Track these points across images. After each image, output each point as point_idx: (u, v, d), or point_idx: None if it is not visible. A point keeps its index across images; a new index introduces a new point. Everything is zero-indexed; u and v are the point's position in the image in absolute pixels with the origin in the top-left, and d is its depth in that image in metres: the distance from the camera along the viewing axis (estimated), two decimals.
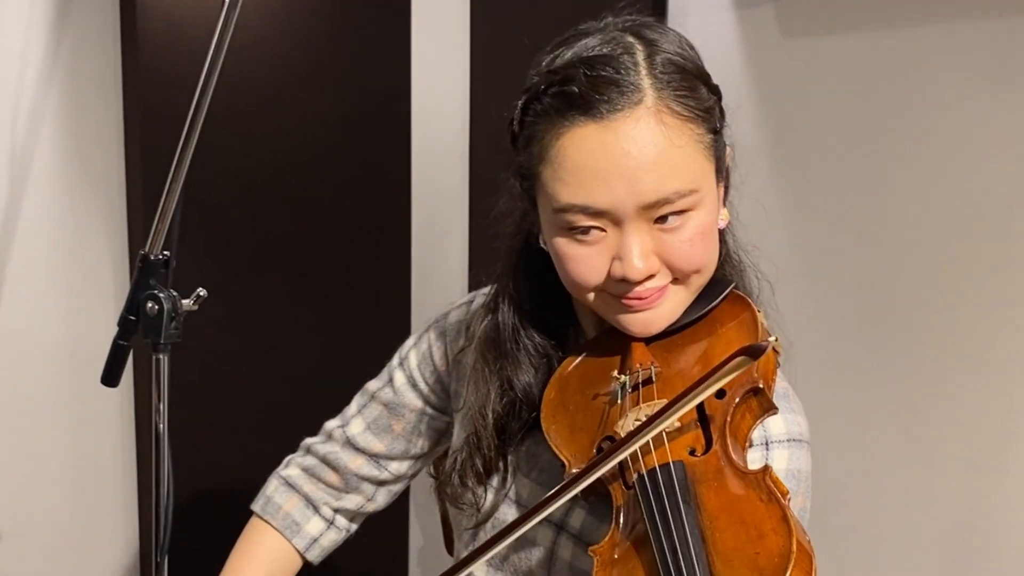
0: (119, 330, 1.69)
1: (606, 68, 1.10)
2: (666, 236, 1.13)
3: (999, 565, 1.81)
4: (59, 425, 2.83)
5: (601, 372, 1.21)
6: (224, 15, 1.52)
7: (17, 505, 2.81)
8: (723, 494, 1.03)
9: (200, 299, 1.67)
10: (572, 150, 1.12)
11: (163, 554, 1.72)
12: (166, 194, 1.59)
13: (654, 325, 1.19)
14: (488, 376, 1.30)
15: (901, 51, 1.91)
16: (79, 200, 2.79)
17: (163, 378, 1.67)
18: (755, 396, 1.13)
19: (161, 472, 1.68)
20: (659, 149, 1.10)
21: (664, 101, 1.11)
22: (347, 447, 1.49)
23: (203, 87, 1.52)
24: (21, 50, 2.68)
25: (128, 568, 2.99)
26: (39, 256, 2.76)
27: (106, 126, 2.80)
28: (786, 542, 0.96)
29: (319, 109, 2.94)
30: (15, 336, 2.75)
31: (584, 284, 1.17)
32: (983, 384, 1.83)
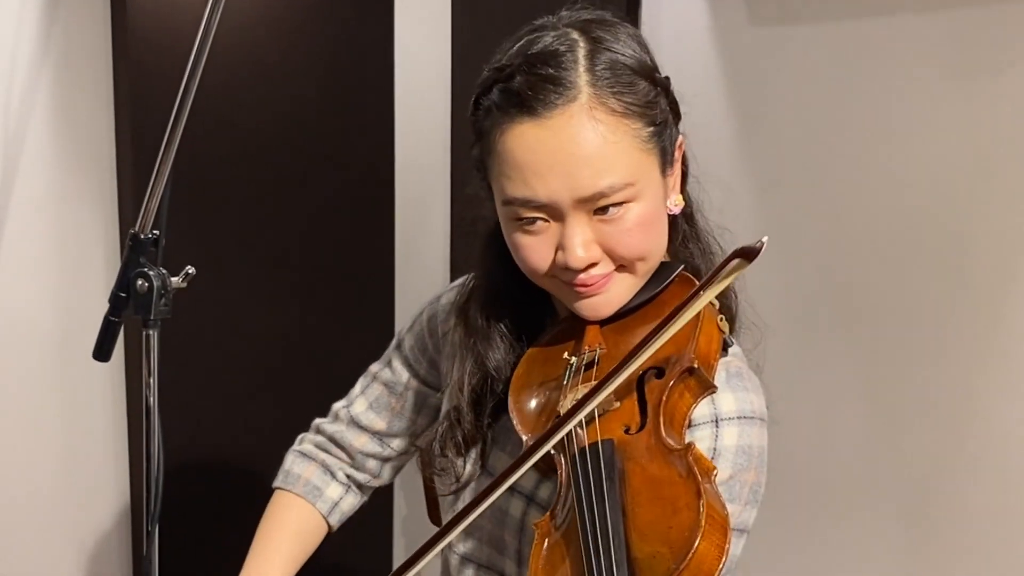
0: (110, 307, 1.69)
1: (546, 67, 1.12)
2: (606, 227, 1.15)
3: (953, 531, 1.84)
4: (52, 399, 2.83)
5: (558, 354, 1.23)
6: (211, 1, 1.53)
7: (11, 477, 2.81)
8: (647, 471, 1.06)
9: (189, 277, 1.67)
10: (513, 146, 1.14)
11: (154, 523, 1.72)
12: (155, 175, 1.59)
13: (604, 309, 1.21)
14: (465, 353, 1.33)
15: (867, 40, 1.92)
16: (70, 179, 2.78)
17: (153, 353, 1.67)
18: (691, 376, 1.15)
19: (152, 444, 1.69)
20: (593, 145, 1.11)
21: (599, 98, 1.12)
22: (352, 426, 1.52)
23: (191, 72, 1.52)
24: (13, 33, 2.67)
25: (120, 537, 2.99)
26: (32, 235, 2.75)
27: (96, 108, 2.79)
28: (696, 517, 0.99)
29: (304, 95, 2.94)
30: (8, 313, 2.75)
31: (535, 270, 1.20)
32: (941, 361, 1.85)
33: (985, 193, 1.76)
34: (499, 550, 1.31)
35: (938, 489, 1.87)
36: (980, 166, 1.76)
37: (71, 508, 2.91)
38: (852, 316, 1.99)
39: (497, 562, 1.31)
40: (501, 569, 1.30)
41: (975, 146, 1.77)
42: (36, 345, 2.80)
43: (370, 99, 3.05)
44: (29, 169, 2.73)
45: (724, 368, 1.22)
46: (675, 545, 0.98)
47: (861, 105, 1.95)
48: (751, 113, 1.90)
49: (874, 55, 1.91)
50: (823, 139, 2.00)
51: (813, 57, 2.01)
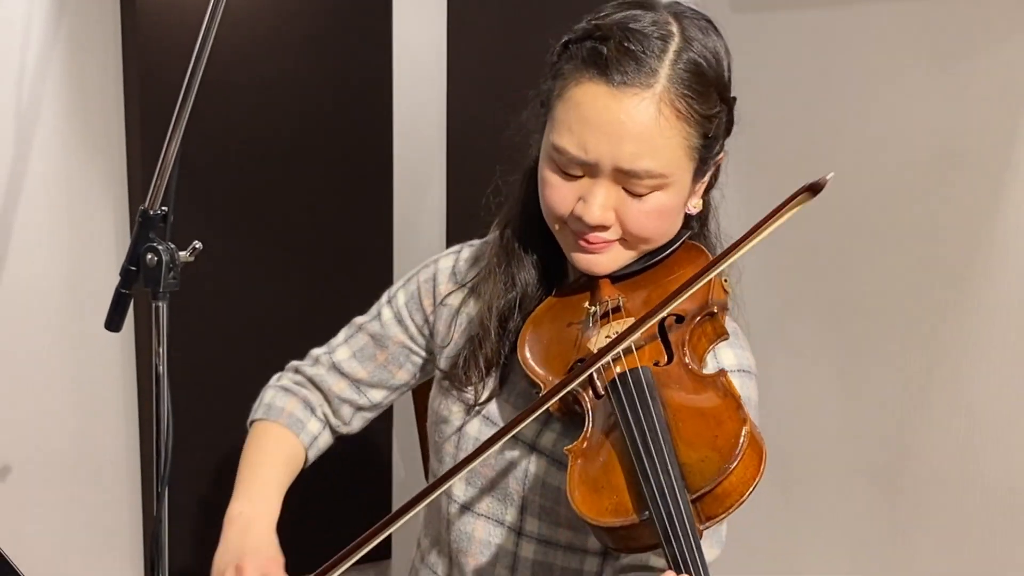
0: (121, 280, 1.70)
1: (638, 44, 1.16)
2: (630, 201, 1.20)
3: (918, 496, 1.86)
4: (65, 367, 2.85)
5: (573, 306, 1.28)
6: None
7: (27, 440, 2.83)
8: (684, 393, 1.09)
9: (196, 251, 1.68)
10: (581, 99, 1.18)
11: (164, 484, 1.73)
12: (164, 154, 1.60)
13: (597, 268, 1.26)
14: (497, 276, 1.36)
15: (844, 26, 1.92)
16: (81, 157, 2.79)
17: (162, 323, 1.68)
18: (710, 320, 1.20)
19: (161, 409, 1.70)
20: (648, 130, 1.16)
21: (670, 94, 1.16)
22: (332, 371, 1.51)
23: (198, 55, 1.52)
24: (26, 14, 2.68)
25: (131, 497, 3.01)
26: (45, 209, 2.77)
27: (106, 88, 2.80)
28: (741, 426, 1.02)
29: (306, 80, 2.94)
30: (24, 284, 2.77)
31: (553, 210, 1.24)
32: (911, 340, 1.86)
33: (955, 179, 1.77)
34: (501, 498, 1.33)
35: (907, 457, 1.88)
36: (952, 152, 1.77)
37: (84, 469, 2.93)
38: (828, 297, 2.00)
39: (498, 510, 1.33)
40: (501, 518, 1.32)
41: (948, 132, 1.78)
42: (49, 315, 2.81)
43: (369, 84, 3.05)
44: (42, 148, 2.73)
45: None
46: (723, 450, 1.00)
47: (839, 90, 1.95)
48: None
49: (852, 41, 1.91)
50: (802, 123, 2.00)
51: (793, 43, 2.00)
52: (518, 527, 1.30)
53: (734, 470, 0.99)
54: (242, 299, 2.95)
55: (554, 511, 1.27)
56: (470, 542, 1.34)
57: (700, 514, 1.00)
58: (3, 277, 2.73)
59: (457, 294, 1.43)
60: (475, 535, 1.34)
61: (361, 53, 3.02)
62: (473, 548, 1.34)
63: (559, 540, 1.28)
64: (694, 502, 0.99)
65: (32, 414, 2.83)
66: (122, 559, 3.03)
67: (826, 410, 2.02)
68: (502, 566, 1.32)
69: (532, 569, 1.30)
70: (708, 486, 0.99)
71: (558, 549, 1.28)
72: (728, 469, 0.99)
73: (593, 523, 1.03)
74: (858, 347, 1.96)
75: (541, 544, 1.29)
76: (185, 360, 2.71)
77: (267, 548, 1.30)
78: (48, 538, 2.87)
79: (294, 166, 2.97)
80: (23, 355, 2.79)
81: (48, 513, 2.88)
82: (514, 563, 1.31)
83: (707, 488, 0.99)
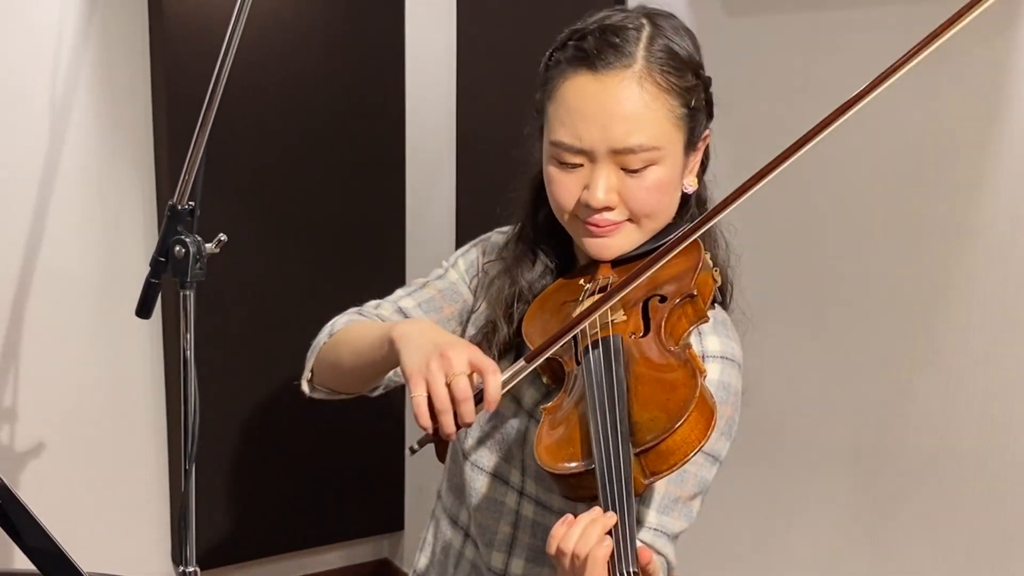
0: (151, 270, 1.72)
1: (614, 36, 1.23)
2: (630, 180, 1.24)
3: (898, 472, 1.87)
4: (97, 351, 2.87)
5: (572, 287, 1.32)
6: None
7: (61, 421, 2.85)
8: (649, 361, 1.14)
9: (221, 243, 1.70)
10: (570, 93, 1.24)
11: (191, 462, 1.75)
12: (191, 153, 1.61)
13: (608, 251, 1.29)
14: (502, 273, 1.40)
15: (833, 30, 1.92)
16: (112, 152, 2.81)
17: (190, 311, 1.70)
18: (690, 302, 1.23)
19: (189, 391, 1.72)
20: (634, 107, 1.21)
21: (650, 71, 1.22)
22: (397, 312, 1.47)
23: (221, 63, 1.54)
24: (59, 19, 2.69)
25: (158, 475, 3.03)
26: (78, 202, 2.78)
27: (135, 90, 2.81)
28: (692, 393, 1.06)
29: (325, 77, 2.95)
30: (59, 274, 2.79)
31: (562, 204, 1.28)
32: (892, 325, 1.87)
33: (931, 170, 1.78)
34: (507, 460, 1.36)
35: (885, 426, 1.89)
36: (928, 146, 1.78)
37: (114, 447, 2.95)
38: (813, 287, 2.01)
39: (504, 470, 1.36)
40: (507, 478, 1.36)
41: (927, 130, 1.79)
42: (81, 301, 2.83)
43: (383, 84, 3.06)
44: (74, 146, 2.75)
45: (714, 316, 1.30)
46: (672, 412, 1.05)
47: (828, 91, 1.95)
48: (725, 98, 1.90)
49: (838, 44, 1.92)
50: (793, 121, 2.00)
51: (783, 45, 2.01)
52: (520, 488, 1.34)
53: (678, 430, 1.03)
54: (263, 288, 2.96)
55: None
56: (481, 497, 1.38)
57: (645, 468, 1.04)
58: (39, 267, 2.76)
59: (496, 264, 1.45)
60: (484, 491, 1.38)
61: (375, 56, 3.03)
62: (483, 503, 1.38)
63: (552, 505, 1.31)
64: (638, 455, 1.03)
65: (65, 395, 2.85)
66: (149, 533, 3.05)
67: (810, 396, 2.04)
68: (506, 523, 1.35)
69: (532, 529, 1.33)
70: (652, 442, 1.03)
71: (552, 513, 1.31)
72: (672, 428, 1.03)
73: (548, 470, 1.08)
74: (842, 336, 1.97)
75: (539, 506, 1.32)
76: (210, 345, 2.73)
77: (462, 340, 1.19)
78: (79, 512, 2.89)
79: (312, 163, 2.98)
80: (57, 340, 2.81)
81: (79, 488, 2.90)
82: (516, 520, 1.34)
83: (651, 443, 1.03)
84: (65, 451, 2.87)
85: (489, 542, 1.37)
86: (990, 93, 1.70)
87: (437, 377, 1.11)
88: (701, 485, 1.24)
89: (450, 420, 1.11)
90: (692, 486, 1.23)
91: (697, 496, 1.24)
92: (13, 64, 2.64)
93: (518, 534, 1.34)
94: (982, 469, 1.75)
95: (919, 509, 1.87)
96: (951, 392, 1.79)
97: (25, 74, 2.67)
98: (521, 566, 1.34)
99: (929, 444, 1.83)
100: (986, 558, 1.76)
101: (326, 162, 3.00)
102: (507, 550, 1.35)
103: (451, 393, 1.10)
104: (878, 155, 1.87)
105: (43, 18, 2.66)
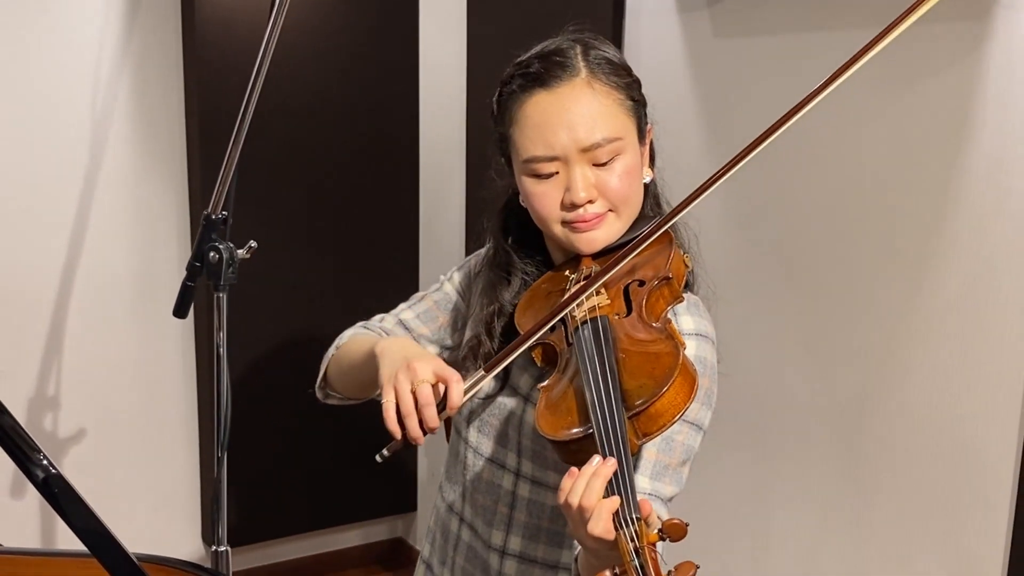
0: (187, 274, 1.75)
1: (554, 56, 1.29)
2: (602, 173, 1.29)
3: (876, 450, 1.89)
4: (134, 347, 2.89)
5: (559, 278, 1.36)
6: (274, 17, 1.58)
7: (101, 411, 2.88)
8: (634, 337, 1.18)
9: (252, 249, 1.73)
10: (531, 111, 1.29)
11: (223, 450, 1.78)
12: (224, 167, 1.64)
13: (596, 243, 1.33)
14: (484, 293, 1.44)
15: (814, 51, 1.93)
16: (148, 164, 2.83)
17: (223, 311, 1.72)
18: (666, 284, 1.28)
19: (222, 385, 1.74)
20: (590, 106, 1.27)
21: (594, 75, 1.28)
22: (398, 325, 1.53)
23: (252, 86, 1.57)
24: (99, 39, 2.72)
25: (189, 462, 3.06)
26: (116, 207, 2.81)
27: (170, 105, 2.83)
28: (675, 361, 1.10)
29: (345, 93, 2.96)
30: (98, 275, 2.81)
31: (546, 215, 1.32)
32: (870, 311, 1.88)
33: (907, 176, 1.80)
34: (503, 444, 1.39)
35: (865, 416, 1.90)
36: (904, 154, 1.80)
37: (149, 436, 2.97)
38: (798, 277, 2.01)
39: (500, 454, 1.39)
40: (503, 461, 1.38)
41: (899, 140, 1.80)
42: (120, 301, 2.85)
43: (398, 98, 3.08)
44: (115, 152, 2.77)
45: (687, 298, 1.35)
46: (658, 378, 1.09)
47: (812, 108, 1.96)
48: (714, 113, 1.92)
49: (819, 62, 1.92)
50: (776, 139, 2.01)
51: (768, 64, 2.03)
52: (516, 469, 1.36)
53: (664, 394, 1.07)
54: (290, 289, 2.99)
55: (543, 455, 1.33)
56: (479, 482, 1.41)
57: (637, 430, 1.08)
58: (81, 270, 2.78)
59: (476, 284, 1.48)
60: (483, 476, 1.40)
61: (391, 70, 3.05)
62: (482, 487, 1.40)
63: (548, 481, 1.33)
64: (631, 418, 1.07)
65: (105, 387, 2.87)
66: (181, 515, 3.07)
67: (794, 388, 2.05)
68: (503, 504, 1.38)
69: (528, 508, 1.36)
70: (643, 406, 1.07)
71: (548, 490, 1.34)
72: (659, 393, 1.07)
73: (549, 438, 1.11)
74: (823, 332, 1.98)
75: (535, 485, 1.35)
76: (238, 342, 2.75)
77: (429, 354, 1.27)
78: (116, 494, 2.92)
79: (335, 173, 3.00)
80: (98, 336, 2.84)
81: (116, 473, 2.93)
82: (513, 501, 1.37)
83: (641, 407, 1.07)
84: (104, 438, 2.90)
85: (488, 521, 1.39)
86: (960, 102, 1.72)
87: (404, 385, 1.17)
88: (688, 452, 1.27)
89: (415, 424, 1.16)
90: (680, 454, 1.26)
91: (685, 463, 1.27)
92: (57, 81, 2.67)
93: (515, 514, 1.37)
94: (955, 447, 1.77)
95: (892, 491, 1.88)
96: (923, 375, 1.80)
97: (68, 92, 2.70)
98: (518, 543, 1.37)
99: (904, 431, 1.85)
100: (953, 534, 1.78)
101: (347, 172, 3.02)
102: (505, 528, 1.38)
103: (416, 399, 1.16)
104: (858, 159, 1.89)
105: (84, 39, 2.69)
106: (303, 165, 2.94)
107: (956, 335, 1.75)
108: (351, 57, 2.97)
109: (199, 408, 3.02)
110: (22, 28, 2.62)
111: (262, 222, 2.84)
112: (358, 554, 3.37)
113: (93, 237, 2.79)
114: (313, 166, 2.96)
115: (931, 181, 1.77)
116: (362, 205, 3.07)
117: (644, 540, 0.96)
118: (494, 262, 1.44)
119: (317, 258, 3.02)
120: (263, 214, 2.86)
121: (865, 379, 1.91)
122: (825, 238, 1.96)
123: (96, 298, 2.81)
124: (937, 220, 1.77)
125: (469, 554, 1.43)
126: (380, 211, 3.11)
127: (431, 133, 3.12)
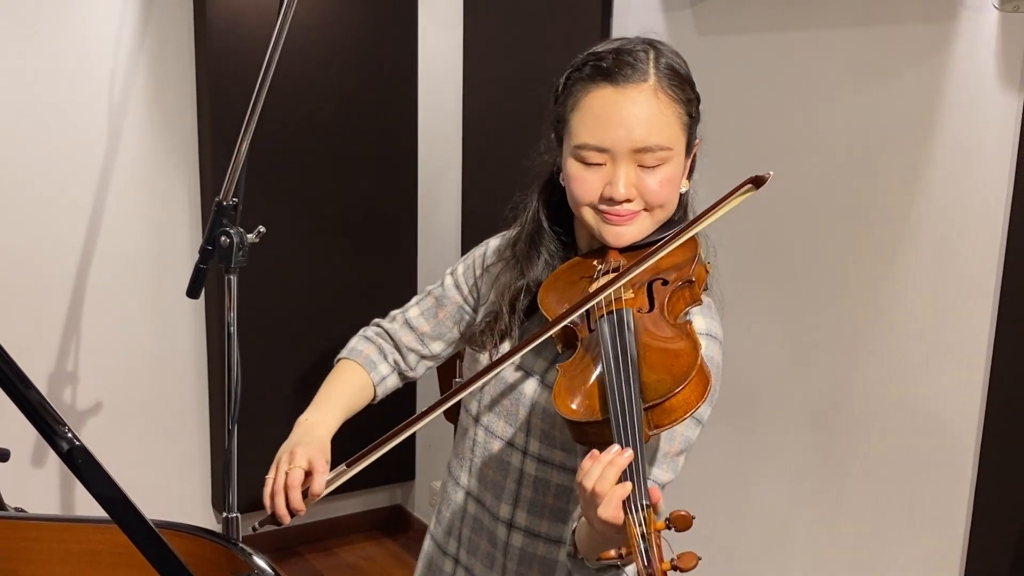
0: (199, 257, 1.75)
1: (628, 56, 1.28)
2: (646, 176, 1.28)
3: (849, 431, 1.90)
4: (148, 325, 2.89)
5: (586, 266, 1.35)
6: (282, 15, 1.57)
7: (117, 384, 2.88)
8: (655, 333, 1.17)
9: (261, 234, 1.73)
10: (594, 102, 1.27)
11: (234, 423, 1.79)
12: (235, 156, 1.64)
13: (624, 238, 1.32)
14: (511, 267, 1.42)
15: (794, 49, 1.93)
16: (163, 151, 2.83)
17: (233, 292, 1.73)
18: (688, 287, 1.27)
19: (232, 361, 1.75)
20: (651, 112, 1.26)
21: (661, 85, 1.27)
22: (404, 326, 1.56)
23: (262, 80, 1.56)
24: (116, 37, 2.71)
25: (200, 434, 3.08)
26: (132, 194, 2.81)
27: (182, 95, 2.83)
28: (694, 361, 1.10)
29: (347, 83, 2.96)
30: (115, 257, 2.81)
31: (583, 199, 1.31)
32: (843, 300, 1.89)
33: (878, 171, 1.80)
34: (513, 423, 1.39)
35: (839, 398, 1.91)
36: (873, 149, 1.80)
37: (161, 409, 2.99)
38: (775, 267, 2.01)
39: (509, 432, 1.39)
40: (512, 439, 1.39)
41: (869, 135, 1.81)
42: (135, 281, 2.85)
43: (398, 87, 3.07)
44: (130, 140, 2.77)
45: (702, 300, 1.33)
46: (676, 375, 1.08)
47: (787, 103, 1.96)
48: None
49: (797, 60, 1.92)
50: (758, 128, 2.02)
51: (750, 62, 2.03)
52: (524, 447, 1.37)
53: (680, 392, 1.06)
54: (296, 272, 2.99)
55: (551, 434, 1.33)
56: (489, 458, 1.41)
57: (650, 422, 1.08)
58: (98, 253, 2.78)
59: (499, 264, 1.48)
60: (491, 452, 1.41)
61: (391, 66, 3.04)
62: (491, 463, 1.41)
63: (554, 460, 1.34)
64: (647, 410, 1.07)
65: (121, 362, 2.88)
66: (194, 484, 3.09)
67: (774, 370, 2.06)
68: (511, 480, 1.38)
69: (534, 484, 1.36)
70: (659, 400, 1.06)
71: (554, 468, 1.34)
72: (676, 390, 1.06)
73: (567, 419, 1.11)
74: (800, 319, 1.99)
75: (541, 463, 1.35)
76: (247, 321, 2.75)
77: (319, 443, 1.36)
78: (133, 464, 2.93)
79: (339, 161, 3.00)
80: (114, 315, 2.84)
81: (132, 443, 2.94)
82: (520, 477, 1.37)
83: (658, 401, 1.07)
84: (120, 412, 2.91)
85: (497, 495, 1.40)
86: (925, 105, 1.72)
87: (281, 466, 1.29)
88: (686, 443, 1.28)
89: (281, 502, 1.27)
90: (679, 443, 1.27)
91: (683, 453, 1.28)
92: (78, 77, 2.67)
93: (522, 490, 1.37)
94: (925, 426, 1.79)
95: (864, 465, 1.89)
96: (892, 361, 1.81)
97: (88, 87, 2.69)
98: (524, 517, 1.38)
99: (874, 410, 1.86)
100: (918, 506, 1.80)
101: (348, 162, 3.02)
102: (513, 502, 1.39)
103: (286, 481, 1.27)
104: (830, 155, 1.90)
105: (103, 37, 2.68)
106: (309, 155, 2.94)
107: (919, 318, 1.76)
108: (354, 54, 2.96)
109: (210, 383, 3.03)
110: (47, 29, 2.63)
111: (270, 208, 2.84)
112: (360, 520, 3.39)
113: (110, 222, 2.79)
114: (318, 156, 2.96)
115: (899, 175, 1.78)
116: (364, 191, 3.07)
117: (651, 527, 0.96)
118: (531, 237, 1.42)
119: (322, 242, 3.02)
120: (271, 201, 2.86)
121: (837, 357, 1.92)
122: (799, 231, 1.97)
123: (113, 279, 2.82)
124: (902, 207, 1.77)
125: (476, 525, 1.44)
126: (381, 197, 3.11)
127: (429, 116, 3.12)
